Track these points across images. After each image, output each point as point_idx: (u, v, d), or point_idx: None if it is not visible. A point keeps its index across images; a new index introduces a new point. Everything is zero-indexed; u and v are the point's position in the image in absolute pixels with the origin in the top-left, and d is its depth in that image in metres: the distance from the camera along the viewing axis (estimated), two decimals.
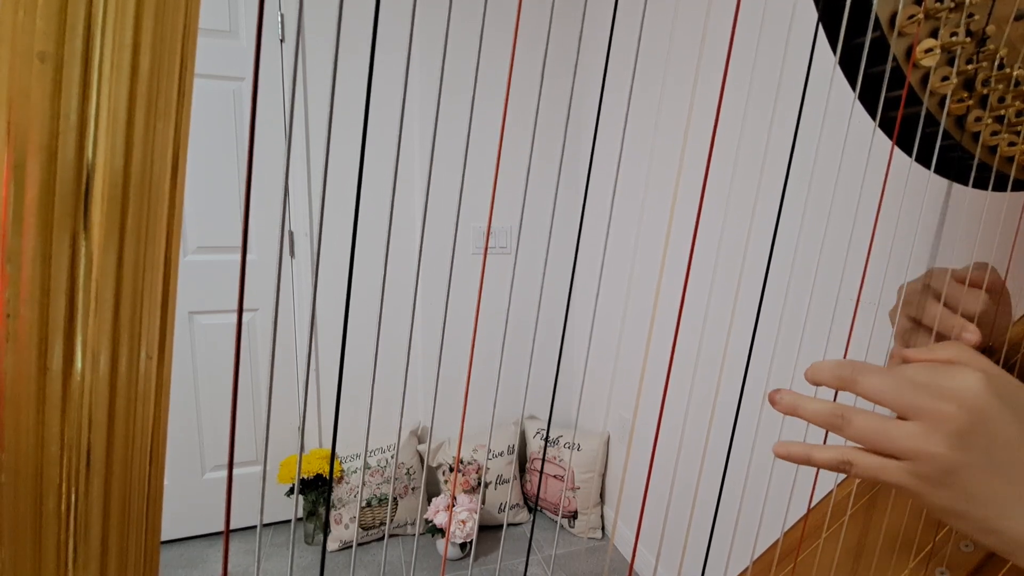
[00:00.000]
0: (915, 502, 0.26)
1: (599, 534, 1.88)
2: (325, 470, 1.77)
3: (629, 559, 1.84)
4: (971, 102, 0.39)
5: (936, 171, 0.43)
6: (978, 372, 0.26)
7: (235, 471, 1.87)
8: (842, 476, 0.54)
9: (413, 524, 1.86)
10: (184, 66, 0.21)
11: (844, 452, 0.28)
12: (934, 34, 0.37)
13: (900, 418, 0.27)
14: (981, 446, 0.25)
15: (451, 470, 1.90)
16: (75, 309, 0.20)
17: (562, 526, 1.91)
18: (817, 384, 0.29)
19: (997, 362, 0.49)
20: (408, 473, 1.85)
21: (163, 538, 1.82)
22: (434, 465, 1.97)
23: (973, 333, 0.38)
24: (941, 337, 0.40)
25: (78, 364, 0.20)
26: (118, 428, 0.21)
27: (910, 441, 0.26)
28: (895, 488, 0.27)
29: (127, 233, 0.20)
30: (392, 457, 1.83)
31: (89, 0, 0.19)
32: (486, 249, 0.31)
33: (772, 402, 0.30)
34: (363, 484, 1.77)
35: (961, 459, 0.25)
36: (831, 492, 0.52)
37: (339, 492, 1.79)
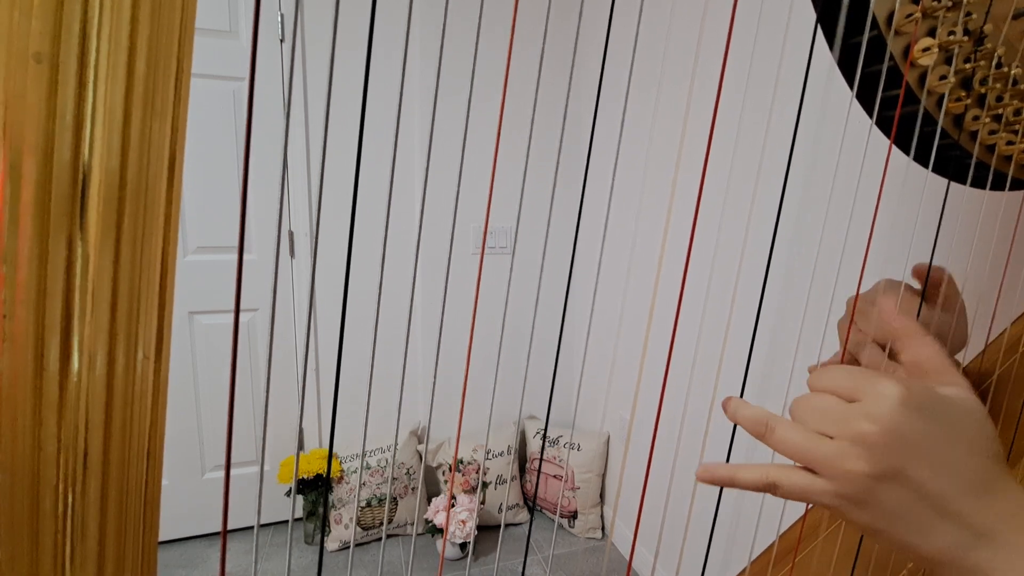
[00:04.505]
0: (835, 516, 0.26)
1: (599, 534, 1.88)
2: (325, 470, 1.77)
3: (628, 559, 1.84)
4: (969, 101, 0.39)
5: (934, 170, 0.43)
6: (895, 387, 0.25)
7: (236, 471, 1.87)
8: None
9: (413, 524, 1.86)
10: (180, 66, 0.21)
11: (768, 472, 0.27)
12: (931, 33, 0.37)
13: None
14: (899, 464, 0.24)
15: (451, 470, 1.90)
16: (71, 310, 0.20)
17: (561, 526, 1.91)
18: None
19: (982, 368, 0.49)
20: (408, 473, 1.85)
21: (163, 538, 1.82)
22: (434, 465, 1.97)
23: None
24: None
25: (75, 365, 0.20)
26: (115, 429, 0.21)
27: (830, 458, 0.25)
28: (820, 507, 0.26)
29: (123, 233, 0.20)
30: (392, 457, 1.84)
31: (85, 1, 0.19)
32: (483, 249, 0.31)
33: (723, 407, 0.30)
34: (361, 484, 1.77)
35: (879, 476, 0.25)
36: None
37: (339, 492, 1.79)
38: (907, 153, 0.41)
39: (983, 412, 0.27)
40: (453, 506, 1.75)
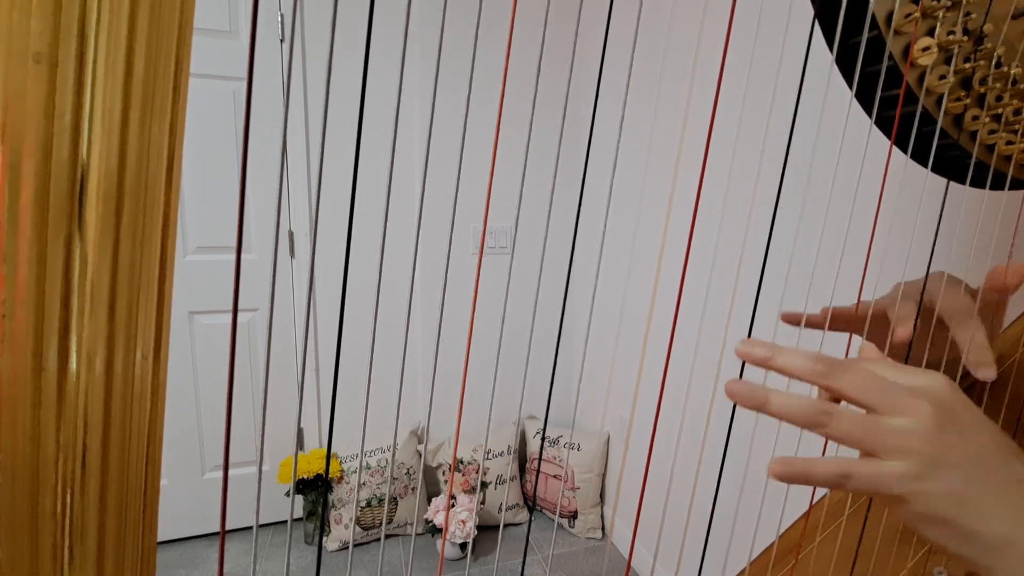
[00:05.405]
0: (909, 517, 0.25)
1: (599, 534, 1.88)
2: (325, 469, 1.77)
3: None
4: (968, 101, 0.39)
5: (933, 170, 0.43)
6: (942, 374, 0.27)
7: (237, 471, 1.87)
8: None
9: (413, 524, 1.86)
10: (179, 66, 0.21)
11: (842, 464, 0.26)
12: (931, 32, 0.37)
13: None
14: (957, 446, 0.25)
15: (451, 470, 1.90)
16: (70, 310, 0.20)
17: (561, 526, 1.91)
18: (785, 374, 0.28)
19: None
20: (408, 473, 1.85)
21: (163, 538, 1.82)
22: (434, 465, 1.97)
23: (904, 330, 0.40)
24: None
25: (73, 365, 0.20)
26: (114, 429, 0.21)
27: (902, 436, 0.25)
28: (889, 500, 0.26)
29: (122, 233, 0.20)
30: (392, 457, 1.84)
31: (84, 1, 0.19)
32: (482, 249, 0.31)
33: (730, 394, 0.27)
34: (360, 484, 1.77)
35: (945, 457, 0.25)
36: (829, 492, 0.52)
37: (339, 492, 1.79)
38: (906, 152, 0.41)
39: None
40: (453, 506, 1.75)
